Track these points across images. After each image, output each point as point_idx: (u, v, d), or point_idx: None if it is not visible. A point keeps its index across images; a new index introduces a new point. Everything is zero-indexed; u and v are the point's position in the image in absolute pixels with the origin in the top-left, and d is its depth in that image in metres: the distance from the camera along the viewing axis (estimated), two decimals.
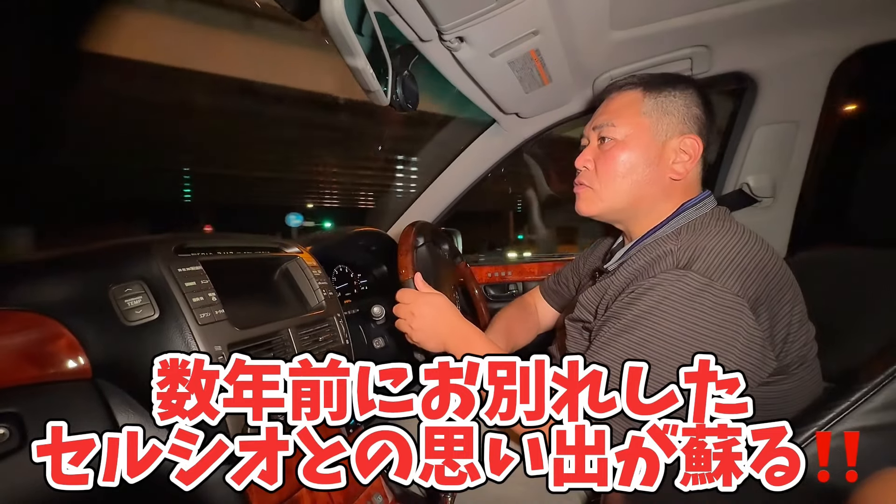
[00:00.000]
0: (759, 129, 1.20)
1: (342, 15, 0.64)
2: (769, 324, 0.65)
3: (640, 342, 0.65)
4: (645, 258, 0.74)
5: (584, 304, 0.83)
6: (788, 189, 1.24)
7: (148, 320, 0.61)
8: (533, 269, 1.68)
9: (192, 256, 0.69)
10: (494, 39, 0.87)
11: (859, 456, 0.64)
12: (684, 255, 0.67)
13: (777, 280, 0.68)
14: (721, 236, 0.69)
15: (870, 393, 0.64)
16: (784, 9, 0.96)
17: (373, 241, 1.35)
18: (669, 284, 0.65)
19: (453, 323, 0.83)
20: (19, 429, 0.51)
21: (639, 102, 0.79)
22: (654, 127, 0.78)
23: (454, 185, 1.53)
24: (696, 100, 0.78)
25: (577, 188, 0.86)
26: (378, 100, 0.83)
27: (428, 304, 0.83)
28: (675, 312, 0.64)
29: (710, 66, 1.12)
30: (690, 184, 0.80)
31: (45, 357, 0.57)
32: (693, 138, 0.77)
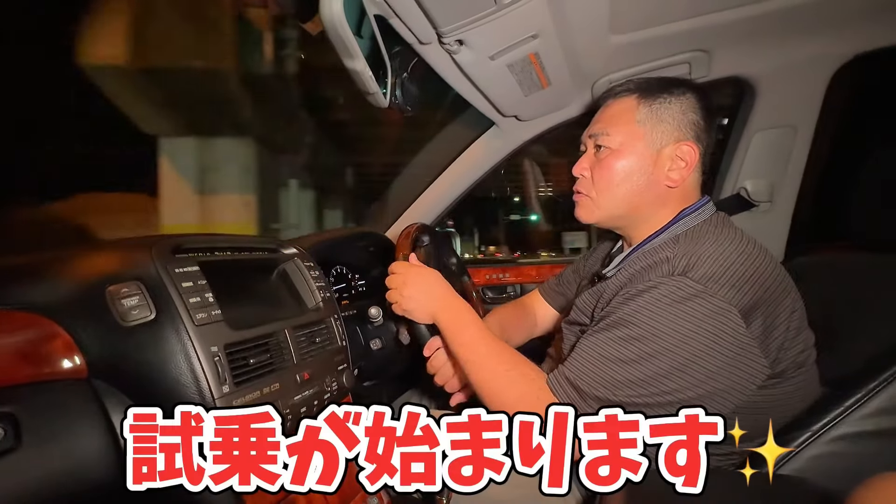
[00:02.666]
0: (756, 134, 1.21)
1: (341, 17, 0.64)
2: (763, 331, 0.65)
3: (627, 337, 0.66)
4: (641, 264, 0.74)
5: (580, 308, 0.83)
6: (786, 193, 1.24)
7: (145, 321, 0.60)
8: (531, 272, 1.68)
9: (190, 257, 0.69)
10: (494, 43, 0.87)
11: (854, 461, 0.64)
12: (681, 263, 0.68)
13: (775, 287, 0.69)
14: (719, 244, 0.69)
15: (864, 398, 0.65)
16: (783, 14, 0.96)
17: (371, 242, 1.35)
18: (664, 287, 0.66)
19: (445, 295, 0.83)
20: (14, 428, 0.50)
21: (633, 110, 0.79)
22: (648, 135, 0.78)
23: (452, 186, 1.53)
24: (693, 105, 0.78)
25: (575, 196, 0.86)
26: (377, 102, 0.84)
27: (420, 275, 0.84)
28: (666, 313, 0.65)
29: (708, 70, 1.13)
30: (688, 190, 0.80)
31: (41, 357, 0.57)
32: (689, 145, 0.77)
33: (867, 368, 0.67)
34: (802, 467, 0.65)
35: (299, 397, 0.74)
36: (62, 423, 0.55)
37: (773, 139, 1.20)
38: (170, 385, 0.59)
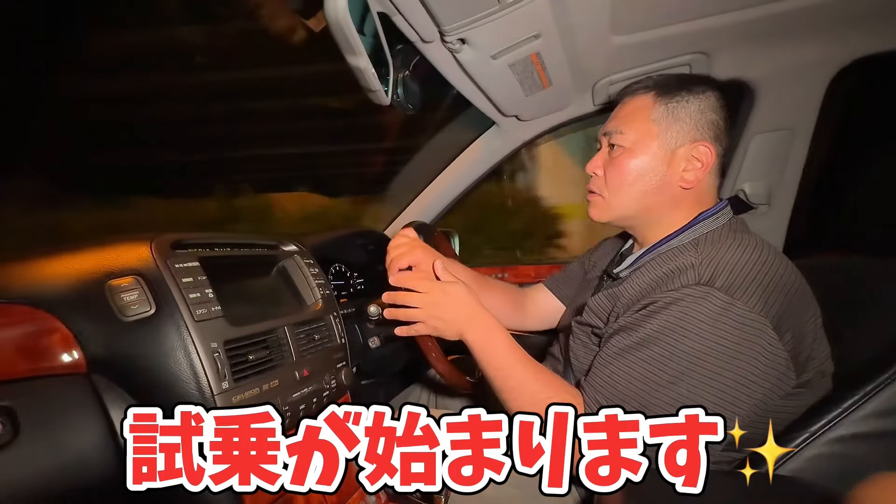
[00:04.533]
0: (755, 137, 1.21)
1: (346, 14, 0.64)
2: (793, 342, 0.63)
3: (657, 359, 0.64)
4: (663, 268, 0.71)
5: (593, 309, 0.81)
6: (784, 196, 1.25)
7: (144, 316, 0.60)
8: (529, 272, 1.68)
9: (189, 252, 0.69)
10: (496, 42, 0.87)
11: (852, 461, 0.64)
12: (706, 271, 0.66)
13: (799, 295, 0.67)
14: (742, 251, 0.67)
15: (862, 400, 0.65)
16: (783, 18, 0.96)
17: (370, 241, 1.36)
18: (693, 301, 0.63)
19: (474, 313, 0.77)
20: (12, 423, 0.50)
21: (649, 108, 0.77)
22: (663, 134, 0.76)
23: (452, 186, 1.53)
24: (712, 104, 0.76)
25: (588, 195, 0.85)
26: (379, 99, 0.83)
27: (447, 294, 0.77)
28: (696, 331, 0.62)
29: (708, 73, 1.13)
30: (703, 192, 0.78)
31: (39, 351, 0.56)
32: (706, 145, 0.74)
33: (865, 371, 0.67)
34: (801, 468, 0.65)
35: (298, 394, 0.74)
36: (60, 418, 0.55)
37: (771, 142, 1.21)
38: (169, 381, 0.59)
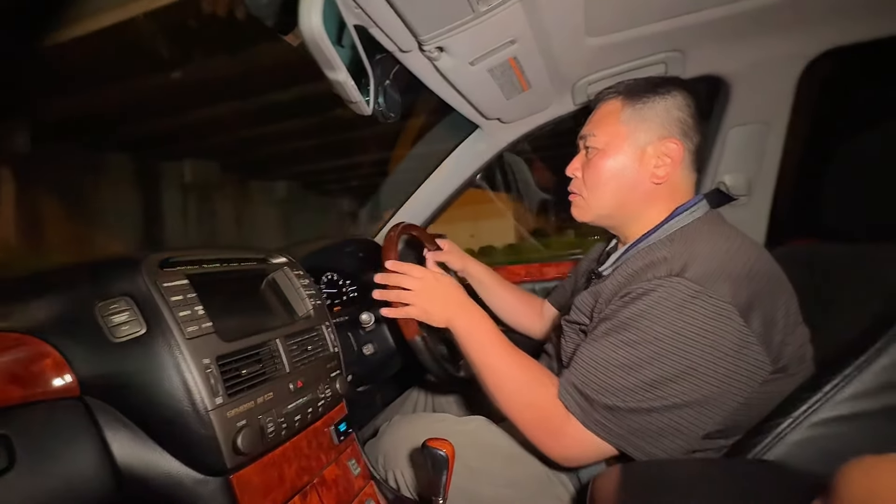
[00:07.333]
0: (732, 130, 1.24)
1: (321, 30, 0.65)
2: (763, 327, 0.66)
3: (629, 342, 0.67)
4: (640, 263, 0.75)
5: (579, 307, 0.84)
6: (762, 187, 1.28)
7: (135, 336, 0.60)
8: (520, 271, 1.69)
9: (178, 270, 0.70)
10: (473, 48, 0.89)
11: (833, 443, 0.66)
12: (678, 263, 0.69)
13: (770, 283, 0.70)
14: (714, 243, 0.71)
15: (841, 384, 0.67)
16: (754, 13, 0.99)
17: (360, 248, 1.36)
18: (664, 290, 0.67)
19: (462, 301, 0.84)
20: (7, 449, 0.50)
21: (618, 111, 0.82)
22: (632, 134, 0.80)
23: (439, 189, 1.55)
24: (679, 103, 0.79)
25: (570, 196, 0.90)
26: (360, 110, 0.84)
27: (438, 280, 0.85)
28: (667, 317, 0.65)
29: (683, 70, 1.16)
30: (677, 187, 0.82)
31: (31, 377, 0.57)
32: (674, 141, 0.78)
33: (843, 354, 0.69)
34: (786, 452, 0.67)
35: (293, 405, 0.75)
36: (56, 442, 0.55)
37: (748, 134, 1.24)
38: (163, 399, 0.60)
